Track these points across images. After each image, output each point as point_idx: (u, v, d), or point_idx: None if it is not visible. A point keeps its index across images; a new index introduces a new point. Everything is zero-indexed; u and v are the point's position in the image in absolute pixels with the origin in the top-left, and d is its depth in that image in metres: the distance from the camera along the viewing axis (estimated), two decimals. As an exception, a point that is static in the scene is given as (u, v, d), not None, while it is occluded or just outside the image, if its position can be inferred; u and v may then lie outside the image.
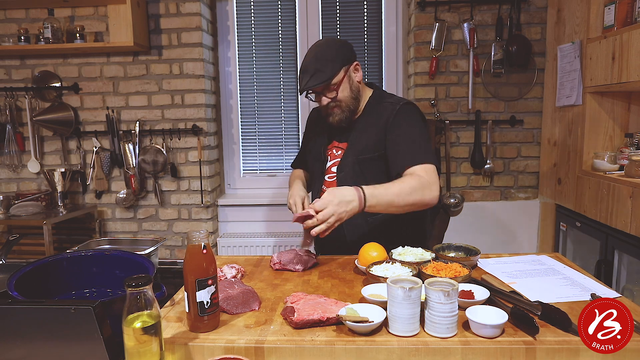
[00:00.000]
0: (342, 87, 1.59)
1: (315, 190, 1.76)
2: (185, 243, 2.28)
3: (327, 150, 1.73)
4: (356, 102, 1.65)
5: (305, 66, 1.58)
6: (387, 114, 1.62)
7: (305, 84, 1.56)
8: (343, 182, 1.61)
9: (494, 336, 0.95)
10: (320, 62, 1.56)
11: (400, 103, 1.63)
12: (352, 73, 1.63)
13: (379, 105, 1.67)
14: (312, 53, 1.60)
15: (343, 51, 1.61)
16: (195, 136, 3.01)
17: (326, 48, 1.59)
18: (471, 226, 3.00)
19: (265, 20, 3.17)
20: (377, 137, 1.61)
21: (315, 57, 1.57)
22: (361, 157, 1.62)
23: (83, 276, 1.24)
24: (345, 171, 1.64)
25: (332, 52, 1.58)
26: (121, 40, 2.84)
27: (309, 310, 1.03)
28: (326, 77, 1.55)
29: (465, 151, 2.96)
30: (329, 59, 1.56)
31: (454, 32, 2.86)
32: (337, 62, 1.58)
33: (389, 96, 1.72)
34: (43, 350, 0.89)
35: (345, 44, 1.64)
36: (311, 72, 1.55)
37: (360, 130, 1.66)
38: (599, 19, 2.32)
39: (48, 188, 3.05)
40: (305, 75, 1.57)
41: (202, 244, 1.01)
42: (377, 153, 1.61)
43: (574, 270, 1.35)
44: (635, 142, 2.26)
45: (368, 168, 1.61)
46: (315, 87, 1.56)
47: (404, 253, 1.41)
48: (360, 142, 1.64)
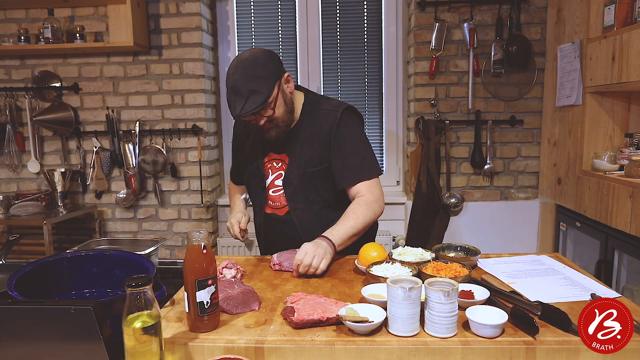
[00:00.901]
0: (278, 103, 1.50)
1: (257, 206, 1.71)
2: (185, 243, 2.28)
3: (265, 164, 1.66)
4: (291, 114, 1.58)
5: (237, 87, 1.44)
6: (329, 124, 1.57)
7: (242, 109, 1.43)
8: (293, 196, 1.60)
9: (494, 336, 0.95)
10: (253, 82, 1.43)
11: (340, 110, 1.59)
12: (284, 85, 1.53)
13: (315, 111, 1.61)
14: (240, 71, 1.45)
15: (273, 65, 1.49)
16: (195, 136, 3.01)
17: (254, 64, 1.45)
18: (471, 226, 3.00)
19: (265, 20, 3.17)
20: (320, 148, 1.58)
21: (246, 76, 1.44)
22: (308, 171, 1.58)
23: (83, 276, 1.24)
24: (293, 185, 1.60)
25: (263, 67, 1.45)
26: (121, 40, 2.84)
27: (309, 310, 1.03)
28: (263, 98, 1.44)
29: (465, 151, 2.96)
30: (261, 77, 1.44)
31: (454, 32, 2.86)
32: (271, 78, 1.46)
33: (324, 101, 1.65)
34: (43, 350, 0.89)
35: (273, 56, 1.51)
36: (245, 94, 1.42)
37: (300, 141, 1.60)
38: (599, 19, 2.32)
39: (48, 188, 3.05)
40: (239, 98, 1.44)
41: (202, 244, 1.01)
42: (323, 165, 1.59)
43: (574, 270, 1.35)
44: (635, 142, 2.26)
45: (317, 179, 1.60)
46: (254, 111, 1.44)
47: (404, 253, 1.41)
48: (304, 155, 1.59)
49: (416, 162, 2.92)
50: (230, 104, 1.47)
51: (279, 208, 1.66)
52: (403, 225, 3.11)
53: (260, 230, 1.75)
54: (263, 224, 1.71)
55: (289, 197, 1.62)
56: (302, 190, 1.60)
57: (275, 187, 1.65)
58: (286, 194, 1.62)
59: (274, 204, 1.66)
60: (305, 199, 1.61)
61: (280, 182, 1.63)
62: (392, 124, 3.19)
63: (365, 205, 1.54)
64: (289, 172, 1.61)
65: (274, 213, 1.67)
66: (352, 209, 1.54)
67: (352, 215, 1.52)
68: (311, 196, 1.60)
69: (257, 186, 1.69)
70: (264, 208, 1.69)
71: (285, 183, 1.62)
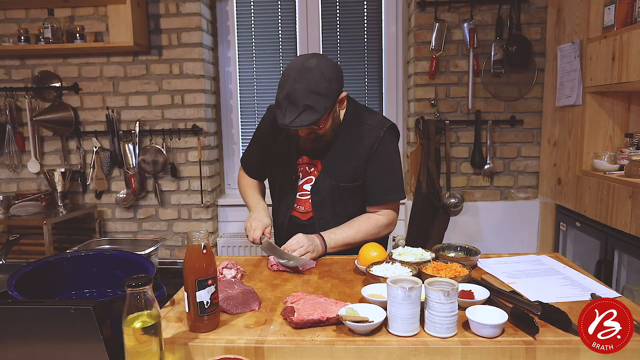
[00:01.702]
0: (327, 122, 1.47)
1: (284, 206, 1.67)
2: (185, 243, 2.28)
3: (298, 166, 1.62)
4: (334, 132, 1.54)
5: (294, 97, 1.36)
6: (371, 142, 1.55)
7: (293, 121, 1.37)
8: (320, 206, 1.60)
9: (494, 336, 0.95)
10: (313, 98, 1.36)
11: (383, 129, 1.56)
12: (337, 105, 1.49)
13: (358, 126, 1.57)
14: (303, 81, 1.37)
15: (336, 83, 1.43)
16: (195, 136, 3.01)
17: (320, 78, 1.38)
18: (471, 226, 3.00)
19: (265, 20, 3.17)
20: (357, 165, 1.56)
21: (308, 88, 1.36)
22: (342, 185, 1.57)
23: (83, 276, 1.24)
24: (322, 195, 1.59)
25: (326, 85, 1.39)
26: (121, 40, 2.84)
27: (309, 310, 1.03)
28: (317, 117, 1.38)
29: (465, 151, 2.96)
30: (322, 94, 1.38)
31: (454, 32, 2.86)
32: (331, 98, 1.41)
33: (368, 115, 1.61)
34: (43, 350, 0.89)
35: (339, 74, 1.45)
36: (301, 107, 1.36)
37: (337, 152, 1.57)
38: (599, 19, 2.32)
39: (48, 188, 3.05)
40: (292, 108, 1.37)
41: (202, 244, 1.01)
42: (358, 181, 1.58)
43: (574, 270, 1.35)
44: (635, 142, 2.26)
45: (347, 194, 1.59)
46: (304, 127, 1.39)
47: (404, 253, 1.41)
48: (338, 167, 1.57)
49: (416, 162, 2.92)
50: (281, 110, 1.39)
51: (302, 213, 1.64)
52: (403, 225, 3.11)
53: (282, 231, 1.70)
54: (286, 225, 1.68)
55: (315, 205, 1.60)
56: (330, 201, 1.59)
57: (303, 191, 1.63)
58: (313, 201, 1.60)
59: (299, 207, 1.65)
60: (332, 211, 1.60)
61: (309, 187, 1.61)
62: (392, 124, 3.18)
63: (374, 225, 1.58)
64: (320, 181, 1.59)
65: (296, 216, 1.65)
66: (359, 221, 1.58)
67: (356, 227, 1.57)
68: (338, 208, 1.60)
69: (288, 186, 1.65)
70: (291, 210, 1.65)
71: (313, 191, 1.60)
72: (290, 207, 1.65)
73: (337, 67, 1.45)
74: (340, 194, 1.59)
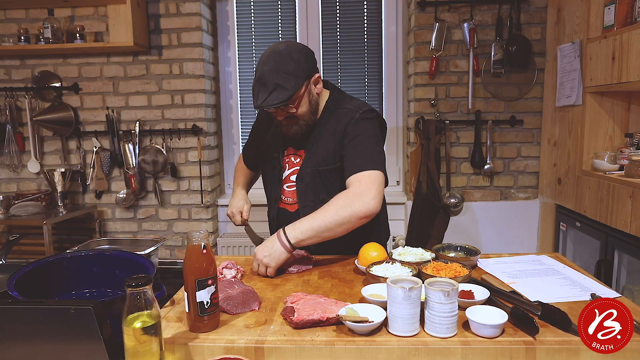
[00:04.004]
0: (302, 102, 1.48)
1: (272, 199, 1.68)
2: (185, 243, 2.28)
3: (284, 157, 1.65)
4: (314, 115, 1.56)
5: (264, 78, 1.42)
6: (345, 122, 1.54)
7: (264, 101, 1.42)
8: (303, 194, 1.59)
9: (494, 336, 0.95)
10: (281, 76, 1.41)
11: (360, 111, 1.55)
12: (312, 86, 1.51)
13: (337, 110, 1.58)
14: (271, 62, 1.43)
15: (306, 63, 1.46)
16: (195, 136, 3.01)
17: (288, 58, 1.43)
18: (471, 226, 3.00)
19: (265, 20, 3.17)
20: (335, 146, 1.55)
21: (276, 69, 1.42)
22: (321, 169, 1.56)
23: (83, 276, 1.24)
24: (305, 182, 1.59)
25: (294, 64, 1.43)
26: (121, 40, 2.84)
27: (309, 310, 1.03)
28: (287, 95, 1.41)
29: (465, 151, 2.96)
30: (290, 73, 1.42)
31: (454, 32, 2.86)
32: (300, 76, 1.44)
33: (349, 100, 1.61)
34: (43, 350, 0.89)
35: (308, 53, 1.49)
36: (270, 86, 1.41)
37: (317, 138, 1.58)
38: (599, 19, 2.32)
39: (48, 188, 3.05)
40: (263, 89, 1.42)
41: (202, 244, 1.01)
42: (337, 163, 1.56)
43: (574, 270, 1.35)
44: (635, 142, 2.26)
45: (329, 178, 1.57)
46: (275, 105, 1.43)
47: (404, 253, 1.41)
48: (319, 152, 1.57)
49: (416, 162, 2.92)
50: (254, 93, 1.46)
51: (290, 204, 1.64)
52: (403, 225, 3.11)
53: (273, 224, 1.71)
54: (276, 218, 1.68)
55: (299, 194, 1.60)
56: (312, 188, 1.58)
57: (290, 182, 1.64)
58: (298, 190, 1.60)
59: (287, 199, 1.65)
60: (315, 198, 1.58)
61: (295, 177, 1.62)
62: (392, 124, 3.19)
63: (343, 200, 1.42)
64: (303, 169, 1.59)
65: (285, 208, 1.65)
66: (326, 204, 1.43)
67: (321, 210, 1.42)
68: (321, 195, 1.57)
69: (274, 178, 1.67)
70: (278, 202, 1.67)
71: (298, 179, 1.61)
72: (277, 200, 1.67)
73: (306, 49, 1.50)
74: (322, 178, 1.57)
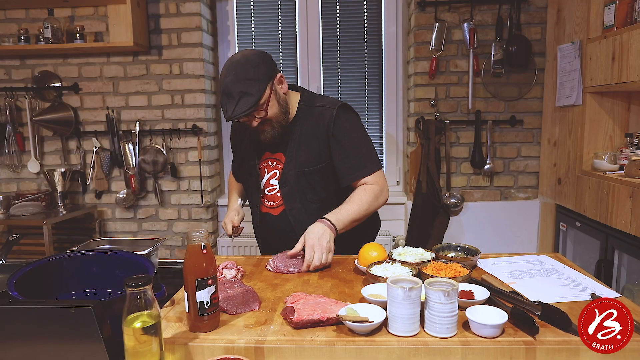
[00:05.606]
0: (270, 104, 1.50)
1: (254, 206, 1.71)
2: (185, 243, 2.28)
3: (261, 162, 1.67)
4: (286, 115, 1.57)
5: (228, 90, 1.45)
6: (326, 121, 1.57)
7: (233, 111, 1.45)
8: (289, 196, 1.61)
9: (494, 336, 0.95)
10: (244, 84, 1.44)
11: (335, 107, 1.59)
12: (277, 86, 1.53)
13: (311, 110, 1.61)
14: (232, 73, 1.46)
15: (265, 66, 1.49)
16: (195, 136, 3.01)
17: (246, 66, 1.46)
18: (471, 226, 3.00)
19: (265, 20, 3.17)
20: (319, 148, 1.58)
21: (237, 78, 1.45)
22: (305, 170, 1.58)
23: (83, 276, 1.24)
24: (289, 185, 1.60)
25: (254, 69, 1.46)
26: (121, 40, 2.84)
27: (309, 310, 1.03)
28: (254, 100, 1.44)
29: (465, 151, 2.96)
30: (252, 78, 1.45)
31: (454, 32, 2.86)
32: (262, 80, 1.47)
33: (320, 99, 1.65)
34: (43, 350, 0.89)
35: (265, 56, 1.52)
36: (236, 96, 1.44)
37: (296, 140, 1.60)
38: (599, 19, 2.32)
39: (48, 188, 3.05)
40: (230, 101, 1.45)
41: (202, 244, 1.01)
42: (322, 164, 1.59)
43: (574, 270, 1.35)
44: (635, 142, 2.26)
45: (314, 178, 1.59)
46: (245, 113, 1.45)
47: (404, 253, 1.41)
48: (300, 155, 1.59)
49: (416, 162, 2.92)
50: (223, 106, 1.48)
51: (273, 207, 1.65)
52: (403, 225, 3.11)
53: (257, 230, 1.75)
54: (260, 224, 1.71)
55: (285, 197, 1.61)
56: (298, 190, 1.60)
57: (271, 186, 1.65)
58: (282, 193, 1.62)
59: (269, 203, 1.66)
60: (302, 199, 1.60)
61: (276, 181, 1.63)
62: (392, 124, 3.19)
63: (371, 193, 1.57)
64: (286, 172, 1.60)
65: (268, 212, 1.67)
66: (358, 194, 1.56)
67: (357, 201, 1.55)
68: (308, 196, 1.60)
69: (253, 186, 1.70)
70: (260, 208, 1.69)
71: (281, 183, 1.62)
72: (258, 206, 1.69)
73: (263, 53, 1.54)
74: (307, 180, 1.59)
